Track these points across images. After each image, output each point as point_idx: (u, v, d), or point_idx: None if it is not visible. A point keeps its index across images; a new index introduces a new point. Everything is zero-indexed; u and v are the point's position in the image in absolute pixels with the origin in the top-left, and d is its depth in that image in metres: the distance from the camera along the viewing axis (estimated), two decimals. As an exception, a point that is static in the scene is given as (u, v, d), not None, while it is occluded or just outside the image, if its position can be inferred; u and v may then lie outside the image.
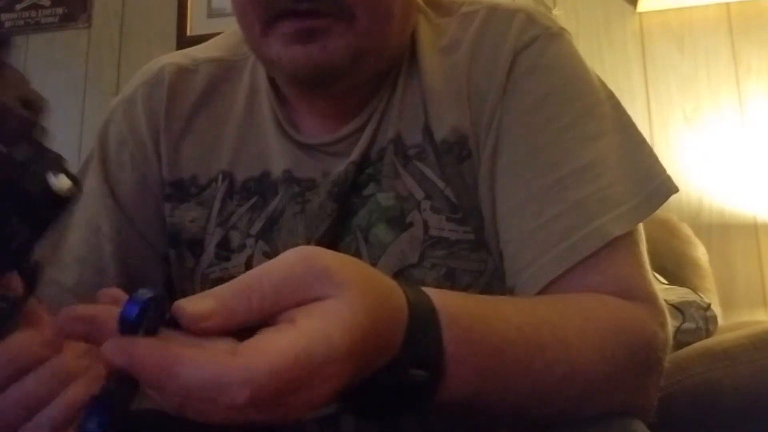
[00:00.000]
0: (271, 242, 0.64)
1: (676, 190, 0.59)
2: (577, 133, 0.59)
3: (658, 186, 0.59)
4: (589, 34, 1.94)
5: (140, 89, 0.70)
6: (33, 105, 0.30)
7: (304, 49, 0.56)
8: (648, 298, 0.55)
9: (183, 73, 0.70)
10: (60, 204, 0.30)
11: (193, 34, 2.18)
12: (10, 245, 0.31)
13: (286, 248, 0.65)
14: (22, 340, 0.37)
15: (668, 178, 0.60)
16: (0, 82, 0.29)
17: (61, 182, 0.31)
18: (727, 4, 1.88)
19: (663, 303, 0.56)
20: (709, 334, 1.27)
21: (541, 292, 0.55)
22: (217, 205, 0.66)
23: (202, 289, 0.67)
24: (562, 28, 0.65)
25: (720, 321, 1.36)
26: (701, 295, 1.38)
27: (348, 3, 0.55)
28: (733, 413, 0.84)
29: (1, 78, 0.29)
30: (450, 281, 0.61)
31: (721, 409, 0.85)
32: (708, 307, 1.33)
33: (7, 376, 0.37)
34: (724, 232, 1.77)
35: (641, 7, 1.90)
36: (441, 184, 0.62)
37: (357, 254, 0.62)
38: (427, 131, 0.63)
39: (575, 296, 0.54)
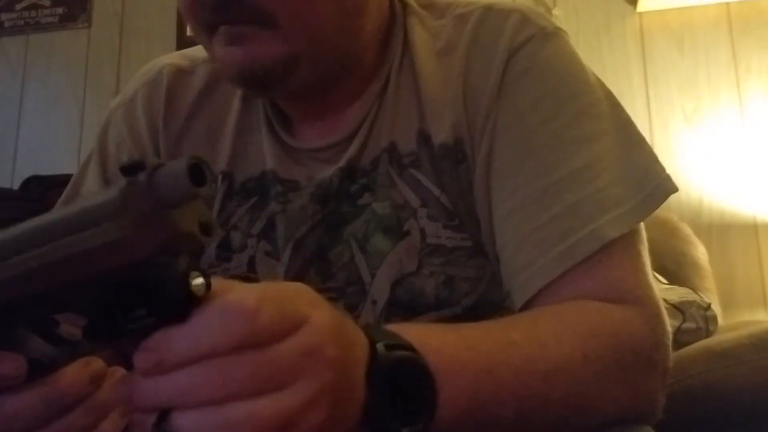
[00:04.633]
0: (273, 242, 0.64)
1: (675, 189, 0.58)
2: (573, 134, 0.58)
3: (657, 186, 0.58)
4: (589, 34, 1.94)
5: (140, 91, 0.70)
6: (208, 229, 0.34)
7: (233, 51, 0.56)
8: (639, 301, 0.54)
9: (181, 74, 0.70)
10: (194, 302, 0.33)
11: (193, 34, 2.18)
12: (123, 326, 0.34)
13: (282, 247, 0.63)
14: (73, 376, 0.40)
15: (667, 178, 0.59)
16: (190, 207, 0.32)
17: (197, 282, 0.33)
18: (727, 4, 1.88)
19: (659, 305, 0.55)
20: (709, 334, 1.27)
21: (535, 296, 0.54)
22: (216, 205, 0.66)
23: None
24: (557, 28, 0.64)
25: (720, 321, 1.36)
26: (701, 295, 1.38)
27: (268, 11, 0.54)
28: (733, 413, 0.84)
29: (192, 204, 0.32)
30: (449, 288, 0.60)
31: (721, 409, 0.85)
32: (708, 307, 1.33)
33: (57, 409, 0.39)
34: (724, 232, 1.77)
35: (641, 7, 1.90)
36: (436, 191, 0.61)
37: (351, 263, 0.62)
38: (423, 137, 0.62)
39: (548, 307, 0.53)
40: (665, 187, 0.58)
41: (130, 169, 0.31)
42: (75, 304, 0.36)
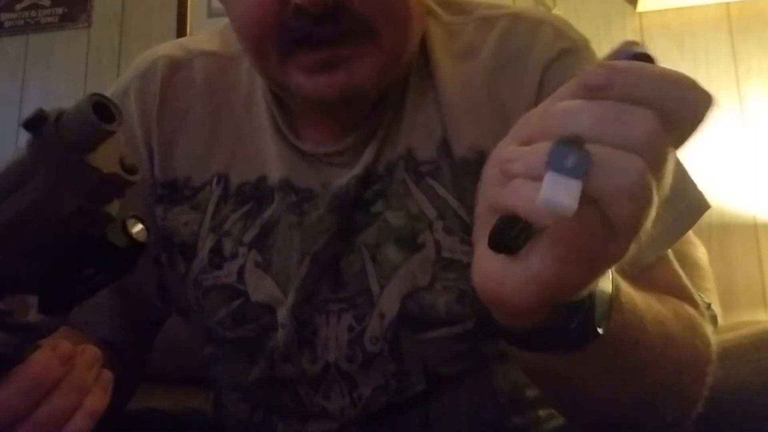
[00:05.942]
0: (265, 252, 0.62)
1: (707, 207, 0.58)
2: None
3: (690, 206, 0.58)
4: (589, 34, 1.91)
5: (133, 83, 0.68)
6: (128, 166, 0.32)
7: (329, 78, 0.53)
8: (695, 302, 0.56)
9: (177, 67, 0.67)
10: (140, 250, 0.32)
11: (193, 34, 2.18)
12: (76, 290, 0.33)
13: (280, 259, 0.62)
14: (43, 361, 0.40)
15: (700, 196, 0.58)
16: (106, 148, 0.30)
17: (137, 229, 0.32)
18: (727, 4, 1.87)
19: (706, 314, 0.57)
20: (709, 334, 1.26)
21: None
22: (210, 209, 0.63)
23: (195, 294, 0.64)
24: (586, 39, 0.63)
25: (720, 321, 1.36)
26: (701, 295, 1.37)
27: (370, 20, 0.52)
28: (733, 413, 0.84)
29: (107, 144, 0.30)
30: (462, 304, 0.59)
31: (721, 409, 0.85)
32: (708, 307, 1.32)
33: (36, 397, 0.39)
34: (724, 232, 1.77)
35: (641, 7, 1.90)
36: (454, 203, 0.59)
37: (362, 273, 0.60)
38: (444, 147, 0.60)
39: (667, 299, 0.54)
40: (698, 206, 0.58)
41: (33, 123, 0.30)
42: (21, 282, 0.34)
